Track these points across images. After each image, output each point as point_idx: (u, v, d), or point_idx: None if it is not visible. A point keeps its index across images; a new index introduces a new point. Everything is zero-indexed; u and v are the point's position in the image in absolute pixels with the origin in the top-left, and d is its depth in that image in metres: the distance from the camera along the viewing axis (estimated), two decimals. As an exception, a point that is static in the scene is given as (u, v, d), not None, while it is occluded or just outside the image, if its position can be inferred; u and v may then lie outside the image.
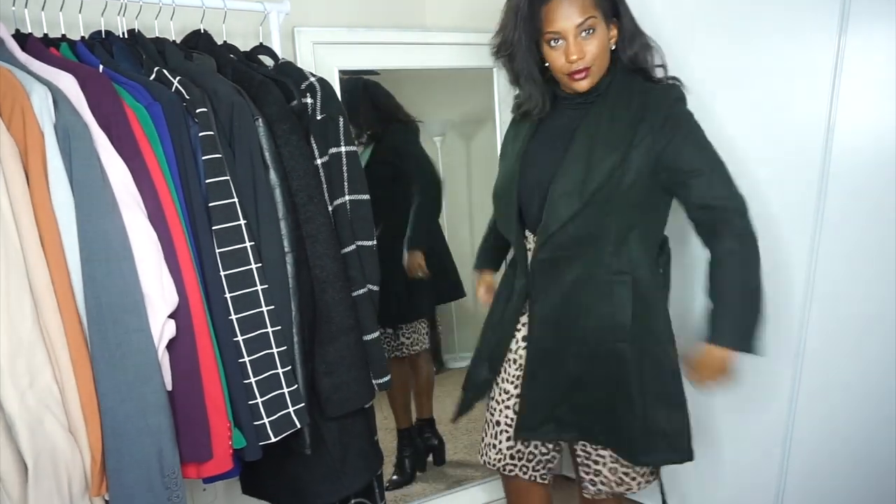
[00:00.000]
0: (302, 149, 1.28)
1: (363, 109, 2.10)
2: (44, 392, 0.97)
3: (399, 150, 2.16)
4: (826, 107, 1.56)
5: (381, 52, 1.94)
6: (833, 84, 1.54)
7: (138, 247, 1.05)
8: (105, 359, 1.00)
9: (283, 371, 1.21)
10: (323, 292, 1.29)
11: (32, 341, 0.96)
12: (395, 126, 2.15)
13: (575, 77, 1.30)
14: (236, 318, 1.16)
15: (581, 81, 1.31)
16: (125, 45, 1.28)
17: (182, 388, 1.10)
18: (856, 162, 1.55)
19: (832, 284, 1.63)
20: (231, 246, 1.16)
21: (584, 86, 1.31)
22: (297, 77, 1.36)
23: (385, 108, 2.15)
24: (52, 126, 1.00)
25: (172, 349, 1.09)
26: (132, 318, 1.02)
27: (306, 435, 1.30)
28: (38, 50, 1.14)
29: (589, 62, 1.28)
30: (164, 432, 1.05)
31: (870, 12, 1.47)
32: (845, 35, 1.51)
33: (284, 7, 1.57)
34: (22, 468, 0.98)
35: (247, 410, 1.18)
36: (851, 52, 1.51)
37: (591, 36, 1.28)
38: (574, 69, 1.29)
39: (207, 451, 1.13)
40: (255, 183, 1.20)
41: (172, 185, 1.12)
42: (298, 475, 1.36)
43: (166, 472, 1.06)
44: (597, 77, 1.32)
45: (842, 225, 1.59)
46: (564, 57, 1.28)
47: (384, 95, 2.14)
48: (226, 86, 1.22)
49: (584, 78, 1.30)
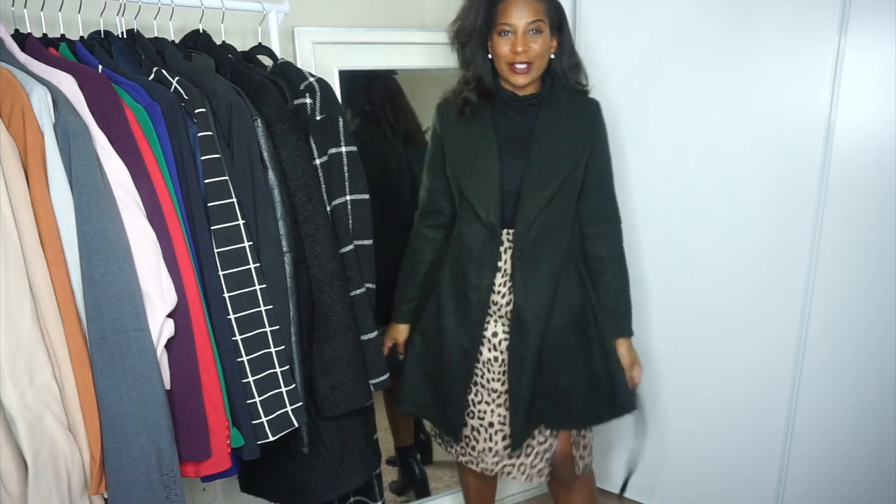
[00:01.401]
0: (300, 149, 1.28)
1: (404, 109, 2.08)
2: (43, 390, 0.98)
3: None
4: (826, 107, 1.56)
5: (381, 52, 1.94)
6: (833, 84, 1.54)
7: (137, 246, 1.05)
8: (104, 358, 1.01)
9: (281, 370, 1.21)
10: (321, 292, 1.29)
11: (32, 340, 0.97)
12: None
13: (516, 69, 1.44)
14: (235, 318, 1.17)
15: (520, 75, 1.44)
16: (124, 45, 1.28)
17: (181, 387, 1.10)
18: (856, 162, 1.55)
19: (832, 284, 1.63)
20: (230, 246, 1.16)
21: (522, 81, 1.45)
22: (296, 77, 1.37)
23: (411, 113, 2.13)
24: (52, 126, 1.00)
25: (171, 348, 1.10)
26: (131, 318, 1.02)
27: (304, 434, 1.30)
28: (38, 50, 1.14)
29: (531, 58, 1.43)
30: (163, 431, 1.05)
31: (870, 12, 1.47)
32: (845, 35, 1.51)
33: (283, 7, 1.57)
34: (21, 466, 0.98)
35: (245, 409, 1.18)
36: (851, 52, 1.51)
37: (537, 36, 1.43)
38: (517, 60, 1.43)
39: (206, 449, 1.13)
40: (254, 183, 1.20)
41: (171, 185, 1.13)
42: (296, 474, 1.37)
43: (165, 471, 1.06)
44: (535, 75, 1.46)
45: (842, 225, 1.59)
46: (511, 46, 1.43)
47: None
48: (224, 86, 1.22)
49: (524, 73, 1.44)
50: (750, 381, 1.80)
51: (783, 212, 1.66)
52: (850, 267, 1.61)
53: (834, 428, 1.70)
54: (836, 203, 1.59)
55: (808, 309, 1.68)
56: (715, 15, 1.67)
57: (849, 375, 1.65)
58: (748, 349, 1.79)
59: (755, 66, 1.64)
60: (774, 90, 1.63)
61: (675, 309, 1.90)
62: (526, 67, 1.43)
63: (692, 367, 1.90)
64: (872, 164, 1.53)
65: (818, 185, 1.60)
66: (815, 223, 1.62)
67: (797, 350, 1.71)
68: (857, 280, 1.60)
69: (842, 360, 1.66)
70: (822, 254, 1.63)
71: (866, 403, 1.64)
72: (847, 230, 1.59)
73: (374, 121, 2.06)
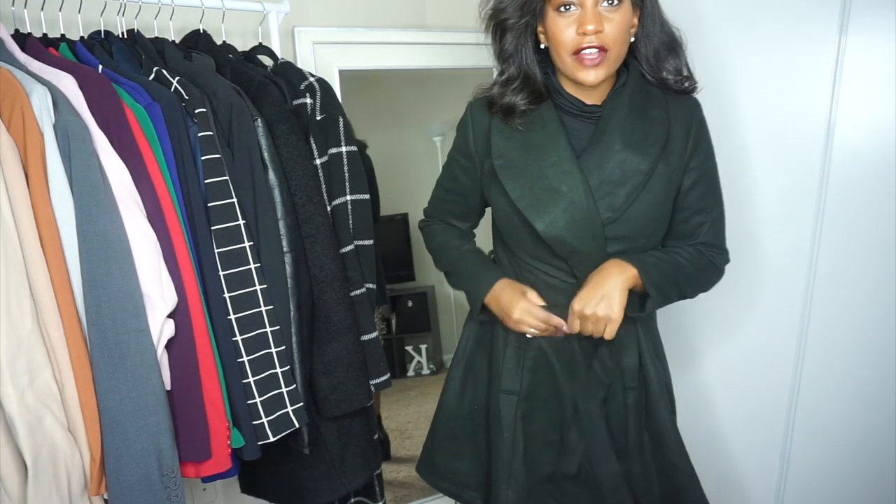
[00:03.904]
0: (301, 149, 1.28)
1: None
2: (43, 391, 0.98)
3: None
4: (826, 106, 1.56)
5: (381, 52, 1.94)
6: (833, 84, 1.54)
7: (137, 247, 1.05)
8: (104, 358, 1.01)
9: (281, 371, 1.21)
10: (321, 292, 1.29)
11: (32, 340, 0.97)
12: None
13: (585, 59, 1.01)
14: (235, 318, 1.17)
15: (591, 69, 1.02)
16: (124, 45, 1.28)
17: (181, 387, 1.10)
18: (856, 161, 1.55)
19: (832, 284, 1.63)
20: (230, 246, 1.16)
21: (593, 78, 1.02)
22: (296, 77, 1.37)
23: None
24: (52, 126, 1.00)
25: (171, 349, 1.10)
26: (131, 318, 1.02)
27: (305, 434, 1.30)
28: (38, 50, 1.14)
29: (607, 42, 1.00)
30: (163, 432, 1.05)
31: (870, 12, 1.47)
32: (845, 35, 1.50)
33: (284, 7, 1.57)
34: (21, 467, 0.98)
35: (245, 410, 1.18)
36: (851, 52, 1.51)
37: (614, 9, 1.00)
38: (586, 44, 1.00)
39: (206, 450, 1.13)
40: (254, 183, 1.20)
41: (171, 185, 1.13)
42: (297, 474, 1.37)
43: (165, 472, 1.06)
44: (611, 68, 1.04)
45: (842, 225, 1.59)
46: (577, 26, 1.00)
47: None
48: (225, 86, 1.22)
49: (598, 64, 1.01)
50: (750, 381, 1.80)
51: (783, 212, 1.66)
52: (850, 267, 1.60)
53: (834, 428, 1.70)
54: (837, 203, 1.58)
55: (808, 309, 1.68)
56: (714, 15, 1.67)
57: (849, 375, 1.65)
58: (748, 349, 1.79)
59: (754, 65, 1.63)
60: (774, 90, 1.62)
61: (674, 308, 1.90)
62: (598, 56, 1.00)
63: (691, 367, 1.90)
64: (873, 163, 1.53)
65: (818, 185, 1.60)
66: (815, 223, 1.62)
67: (797, 350, 1.71)
68: (857, 280, 1.60)
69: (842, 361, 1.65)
70: (823, 254, 1.63)
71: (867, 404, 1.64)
72: (847, 230, 1.59)
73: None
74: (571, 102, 1.11)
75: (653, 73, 1.10)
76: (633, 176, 1.07)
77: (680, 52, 1.12)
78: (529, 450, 1.19)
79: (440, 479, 1.32)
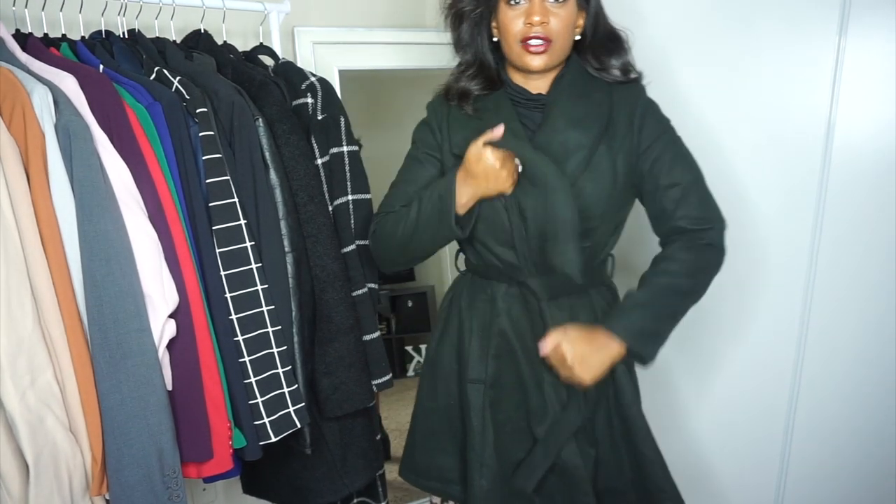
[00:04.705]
0: (302, 149, 1.28)
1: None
2: (44, 391, 0.98)
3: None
4: (826, 106, 1.56)
5: (381, 52, 1.94)
6: (833, 84, 1.54)
7: (139, 247, 1.05)
8: (105, 358, 1.00)
9: (283, 371, 1.21)
10: (323, 292, 1.29)
11: (33, 340, 0.96)
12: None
13: (531, 47, 1.10)
14: (236, 318, 1.17)
15: (536, 56, 1.11)
16: (125, 45, 1.28)
17: (182, 387, 1.10)
18: (856, 161, 1.55)
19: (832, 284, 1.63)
20: (231, 246, 1.16)
21: (537, 63, 1.12)
22: (297, 77, 1.37)
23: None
24: (53, 126, 1.00)
25: (173, 349, 1.09)
26: (133, 318, 1.02)
27: (307, 434, 1.30)
28: (39, 50, 1.14)
29: (551, 33, 1.10)
30: (165, 432, 1.05)
31: (870, 12, 1.47)
32: (845, 35, 1.51)
33: (284, 7, 1.57)
34: (23, 467, 0.98)
35: (247, 410, 1.18)
36: (851, 52, 1.51)
37: (560, 5, 1.10)
38: (533, 34, 1.10)
39: (208, 450, 1.13)
40: (256, 183, 1.20)
41: (173, 185, 1.13)
42: (299, 474, 1.37)
43: (167, 472, 1.06)
44: (554, 58, 1.14)
45: (842, 225, 1.59)
46: (525, 17, 1.10)
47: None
48: (226, 86, 1.22)
49: (542, 52, 1.11)
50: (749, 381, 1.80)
51: (783, 212, 1.66)
52: (850, 267, 1.60)
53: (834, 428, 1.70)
54: (837, 203, 1.59)
55: (808, 309, 1.68)
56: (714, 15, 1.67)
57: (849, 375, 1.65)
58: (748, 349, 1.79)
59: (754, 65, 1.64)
60: (774, 90, 1.63)
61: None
62: (543, 45, 1.10)
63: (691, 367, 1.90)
64: (873, 163, 1.53)
65: (818, 185, 1.60)
66: (815, 223, 1.62)
67: (797, 350, 1.71)
68: (857, 280, 1.60)
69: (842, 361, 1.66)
70: (822, 254, 1.63)
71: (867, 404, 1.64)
72: (847, 230, 1.59)
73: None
74: (518, 92, 1.18)
75: (596, 71, 1.19)
76: (576, 150, 1.13)
77: (623, 53, 1.20)
78: (499, 437, 1.20)
79: (425, 478, 1.32)
